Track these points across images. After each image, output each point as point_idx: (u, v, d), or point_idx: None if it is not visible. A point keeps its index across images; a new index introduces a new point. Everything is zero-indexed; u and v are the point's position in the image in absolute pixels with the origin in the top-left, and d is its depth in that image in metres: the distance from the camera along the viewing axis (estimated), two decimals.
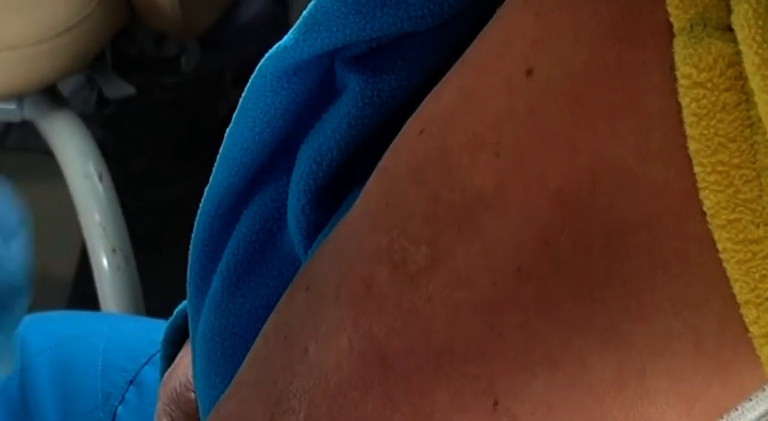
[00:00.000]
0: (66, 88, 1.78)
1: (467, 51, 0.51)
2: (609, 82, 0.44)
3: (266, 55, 0.55)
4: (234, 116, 0.58)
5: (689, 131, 0.42)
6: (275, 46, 0.55)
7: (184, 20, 1.58)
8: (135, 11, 1.58)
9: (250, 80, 0.55)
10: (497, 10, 0.54)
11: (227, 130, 0.59)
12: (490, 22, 0.51)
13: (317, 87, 0.55)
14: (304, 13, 0.54)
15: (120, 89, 1.66)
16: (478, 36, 0.51)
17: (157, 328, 0.90)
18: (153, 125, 2.01)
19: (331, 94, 0.55)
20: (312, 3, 0.53)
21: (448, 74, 0.50)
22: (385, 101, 0.55)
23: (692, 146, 0.42)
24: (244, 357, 0.56)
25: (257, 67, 0.55)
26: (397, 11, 0.53)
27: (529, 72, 0.46)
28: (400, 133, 0.51)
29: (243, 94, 0.56)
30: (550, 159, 0.44)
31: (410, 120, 0.50)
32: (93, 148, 1.62)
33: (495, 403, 0.44)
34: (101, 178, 1.59)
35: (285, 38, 0.54)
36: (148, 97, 1.75)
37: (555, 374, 0.44)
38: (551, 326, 0.43)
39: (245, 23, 1.86)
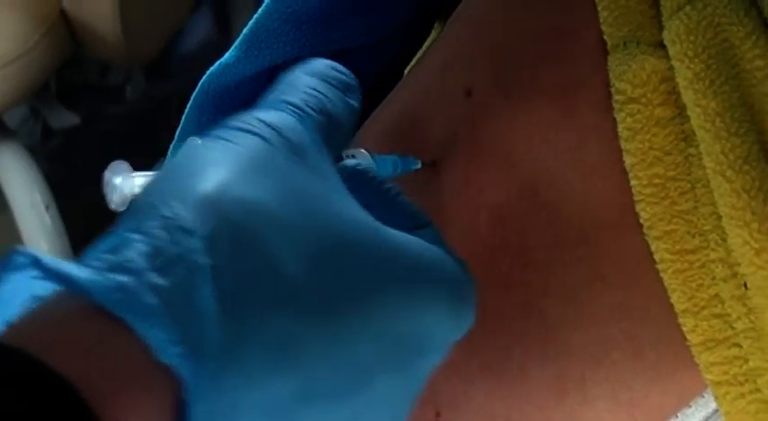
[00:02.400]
0: (11, 120, 1.76)
1: (410, 71, 0.52)
2: (546, 99, 0.44)
3: (207, 72, 0.55)
4: (177, 133, 0.58)
5: (624, 146, 0.42)
6: (216, 63, 0.55)
7: (128, 49, 1.57)
8: (79, 41, 1.57)
9: (192, 97, 0.55)
10: (436, 34, 0.54)
11: (170, 147, 0.58)
12: (433, 41, 0.51)
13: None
14: (245, 30, 0.54)
15: (65, 119, 1.65)
16: (421, 55, 0.52)
17: None
18: (99, 155, 1.99)
19: None
20: (252, 20, 0.53)
21: (391, 95, 0.51)
22: None
23: (628, 160, 0.42)
24: None
25: (199, 84, 0.55)
26: (338, 27, 0.53)
27: (468, 92, 0.46)
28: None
29: (185, 111, 0.56)
30: (489, 176, 0.44)
31: (358, 136, 0.50)
32: (39, 179, 1.60)
33: (437, 415, 0.45)
34: (47, 208, 1.58)
35: (226, 55, 0.54)
36: (94, 127, 1.74)
37: (495, 385, 0.44)
38: (491, 337, 0.43)
39: (189, 51, 1.85)
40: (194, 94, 0.54)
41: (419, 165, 0.45)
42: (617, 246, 0.42)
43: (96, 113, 1.75)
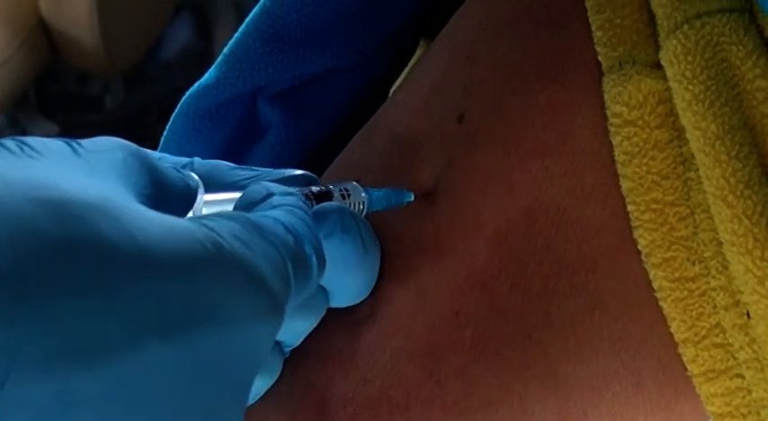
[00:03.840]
0: None
1: (395, 92, 0.50)
2: (541, 123, 0.43)
3: (187, 93, 0.54)
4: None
5: (621, 170, 0.41)
6: (196, 84, 0.53)
7: (107, 58, 1.55)
8: (58, 50, 1.55)
9: (171, 119, 0.54)
10: (422, 51, 0.53)
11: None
12: (419, 60, 0.50)
13: (240, 126, 0.53)
14: (225, 50, 0.53)
15: (45, 129, 1.63)
16: (407, 75, 0.50)
17: None
18: None
19: (255, 133, 0.54)
20: (232, 41, 0.52)
21: (377, 116, 0.50)
22: (309, 137, 0.54)
23: (625, 184, 0.41)
24: None
25: (179, 105, 0.54)
26: (320, 48, 0.52)
27: (460, 118, 0.45)
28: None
29: (164, 133, 0.55)
30: (487, 202, 0.43)
31: (335, 165, 0.50)
32: None
33: None
34: None
35: (206, 76, 0.53)
36: (73, 136, 1.72)
37: (495, 420, 0.43)
38: (490, 371, 0.43)
39: (169, 59, 1.84)
40: (173, 116, 0.53)
41: (412, 198, 0.45)
42: (615, 274, 0.42)
43: (75, 123, 1.74)
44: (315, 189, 0.42)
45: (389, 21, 0.53)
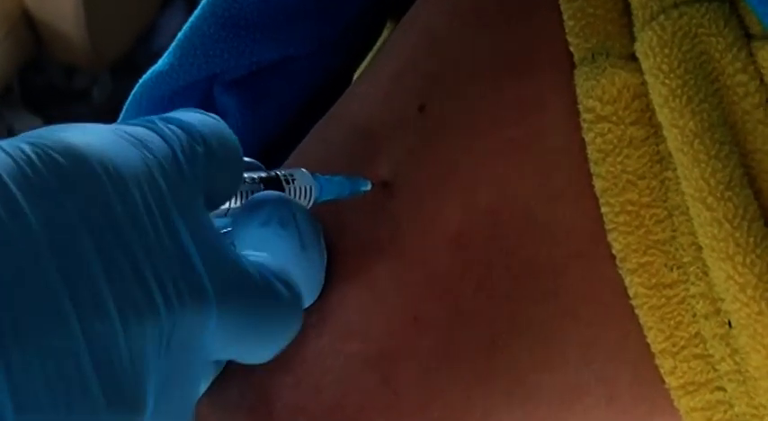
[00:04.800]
0: None
1: (355, 81, 0.49)
2: (508, 117, 0.42)
3: (140, 80, 0.52)
4: None
5: (594, 169, 0.40)
6: (149, 71, 0.52)
7: (94, 49, 1.54)
8: (42, 42, 1.54)
9: (124, 107, 0.53)
10: (388, 33, 0.52)
11: None
12: (381, 48, 0.49)
13: None
14: (179, 35, 0.51)
15: (30, 124, 1.62)
16: (369, 63, 0.49)
17: None
18: None
19: None
20: (187, 25, 0.51)
21: (336, 106, 0.48)
22: (267, 126, 0.53)
23: (599, 184, 0.40)
24: None
25: (132, 93, 0.53)
26: (278, 34, 0.51)
27: (422, 107, 0.44)
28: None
29: (117, 123, 0.54)
30: (448, 201, 0.42)
31: (293, 157, 0.48)
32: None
33: None
34: None
35: (159, 62, 0.52)
36: None
37: None
38: (452, 379, 0.42)
39: (161, 49, 1.82)
40: (126, 105, 0.52)
41: (369, 187, 0.43)
42: (588, 279, 0.41)
43: (62, 117, 1.73)
44: (263, 174, 0.41)
45: (352, 3, 0.52)
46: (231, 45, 0.50)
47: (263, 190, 0.41)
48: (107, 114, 1.80)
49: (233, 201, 0.40)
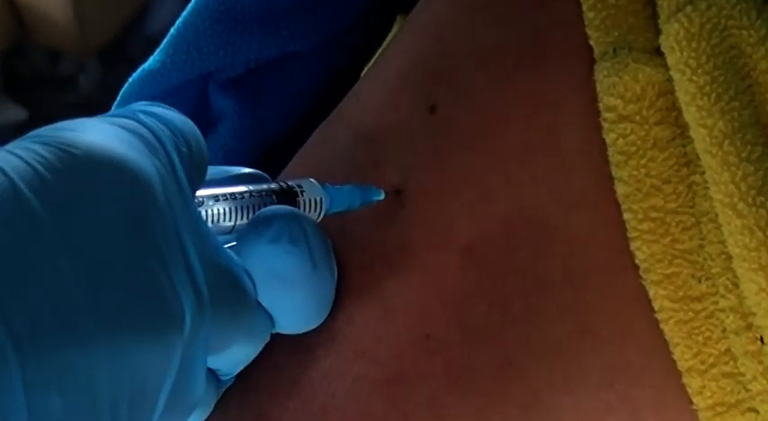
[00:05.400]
0: None
1: (361, 80, 0.49)
2: (522, 117, 0.42)
3: (129, 79, 0.53)
4: None
5: (616, 172, 0.40)
6: (139, 69, 0.52)
7: (81, 34, 1.55)
8: (25, 26, 1.54)
9: (113, 108, 0.52)
10: (394, 29, 0.52)
11: None
12: (387, 45, 0.49)
13: (188, 116, 0.53)
14: (171, 31, 0.52)
15: (12, 114, 1.63)
16: (374, 62, 0.49)
17: None
18: None
19: (206, 124, 0.54)
20: (179, 20, 0.51)
21: (340, 107, 0.48)
22: (266, 130, 0.53)
23: (621, 189, 0.40)
24: None
25: (120, 94, 0.53)
26: (278, 29, 0.51)
27: (432, 108, 0.44)
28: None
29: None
30: (460, 209, 0.42)
31: (293, 165, 0.48)
32: None
33: None
34: None
35: (150, 60, 0.52)
36: (44, 121, 1.72)
37: None
38: (464, 402, 0.42)
39: (154, 34, 1.83)
40: (114, 105, 0.52)
41: (382, 196, 0.44)
42: (609, 293, 0.41)
43: (47, 106, 1.73)
44: (273, 186, 0.41)
45: None
46: (227, 41, 0.50)
47: (274, 204, 0.41)
48: (95, 103, 1.81)
49: (238, 216, 0.40)
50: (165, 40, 0.51)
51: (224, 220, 0.40)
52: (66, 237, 0.31)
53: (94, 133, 0.33)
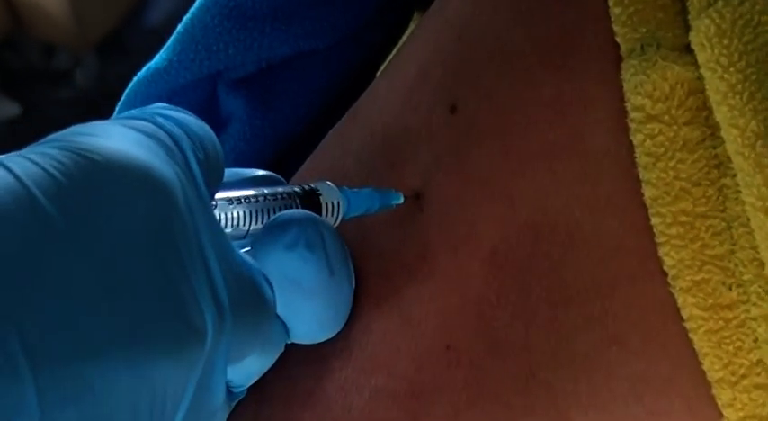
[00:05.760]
0: None
1: (377, 79, 0.49)
2: (546, 118, 0.42)
3: (135, 78, 0.53)
4: None
5: (643, 175, 0.40)
6: (145, 67, 0.53)
7: (77, 26, 1.55)
8: (19, 19, 1.54)
9: (117, 109, 0.54)
10: (412, 25, 0.52)
11: None
12: (404, 43, 0.49)
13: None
14: (178, 28, 0.52)
15: (6, 109, 1.62)
16: (391, 60, 0.49)
17: None
18: None
19: (215, 126, 0.53)
20: (187, 16, 0.52)
21: (356, 107, 0.48)
22: (278, 132, 0.53)
23: (648, 192, 0.40)
24: None
25: (125, 93, 0.54)
26: (290, 26, 0.51)
27: (453, 108, 0.44)
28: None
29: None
30: (482, 214, 0.43)
31: (306, 168, 0.49)
32: None
33: None
34: None
35: (157, 58, 0.52)
36: (38, 117, 1.72)
37: None
38: (486, 417, 0.42)
39: (154, 26, 1.83)
40: (118, 106, 0.53)
41: (401, 200, 0.44)
42: (637, 302, 0.41)
43: (41, 102, 1.73)
44: (296, 189, 0.42)
45: None
46: (237, 38, 0.50)
47: (290, 207, 0.41)
48: (91, 99, 1.81)
49: (253, 221, 0.40)
50: (172, 38, 0.51)
51: (239, 225, 0.40)
52: (83, 246, 0.31)
53: (114, 138, 0.33)
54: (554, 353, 0.41)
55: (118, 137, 0.33)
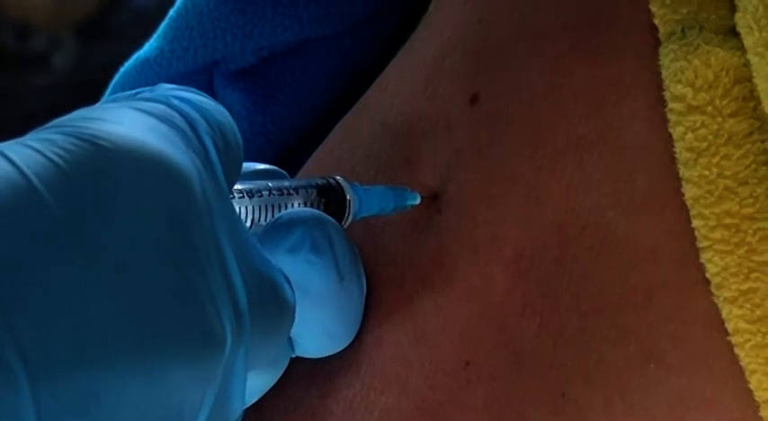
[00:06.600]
0: None
1: (389, 67, 0.49)
2: (577, 109, 0.42)
3: (121, 70, 0.53)
4: None
5: (684, 173, 0.40)
6: (133, 57, 0.53)
7: (55, 5, 1.55)
8: None
9: (99, 105, 0.53)
10: (429, 8, 0.52)
11: None
12: (420, 27, 0.49)
13: None
14: (170, 12, 0.52)
15: None
16: (405, 46, 0.49)
17: None
18: (22, 136, 1.97)
19: None
20: (180, 1, 0.52)
21: (365, 99, 0.49)
22: (280, 127, 0.53)
23: (689, 192, 0.40)
24: None
25: (110, 85, 0.54)
26: (295, 10, 0.51)
27: (474, 98, 0.44)
28: None
29: None
30: (505, 215, 0.43)
31: (312, 163, 0.49)
32: None
33: None
34: None
35: (146, 47, 0.53)
36: (12, 105, 1.73)
37: None
38: None
39: (140, 7, 1.84)
40: (103, 98, 0.52)
41: (418, 201, 0.44)
42: (676, 313, 0.41)
43: (14, 89, 1.74)
44: (319, 181, 0.42)
45: None
46: (235, 25, 0.51)
47: (312, 201, 0.42)
48: (70, 86, 1.81)
49: (259, 215, 0.40)
50: (163, 24, 0.52)
51: (258, 220, 0.40)
52: (89, 243, 0.31)
53: (124, 123, 0.33)
54: (584, 369, 0.41)
55: (129, 121, 0.33)
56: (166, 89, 0.37)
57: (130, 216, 0.32)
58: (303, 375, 0.44)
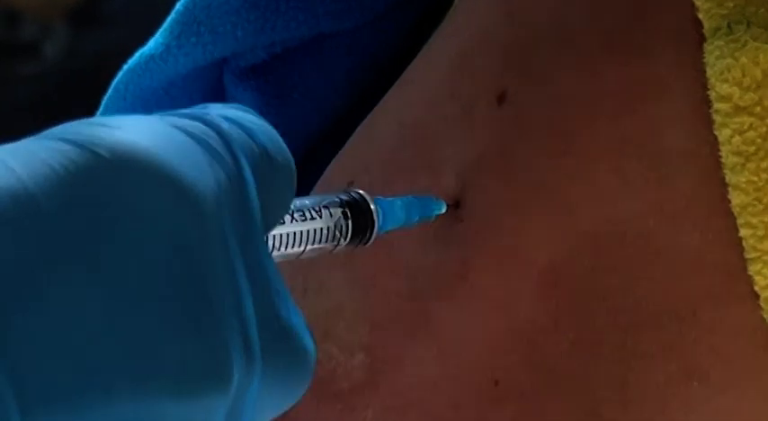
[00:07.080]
0: None
1: (411, 64, 0.49)
2: (613, 110, 0.42)
3: (125, 67, 0.53)
4: None
5: (730, 178, 0.40)
6: (137, 54, 0.52)
7: None
8: None
9: (103, 103, 0.53)
10: (455, 1, 0.52)
11: None
12: (444, 21, 0.49)
13: None
14: (177, 6, 0.52)
15: None
16: (429, 41, 0.49)
17: None
18: (10, 128, 1.99)
19: None
20: None
21: (385, 100, 0.49)
22: (294, 128, 0.53)
23: (736, 199, 0.40)
24: None
25: (113, 84, 0.53)
26: (311, 3, 0.51)
27: (501, 97, 0.44)
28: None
29: None
30: (534, 224, 0.43)
31: (334, 164, 0.49)
32: None
33: None
34: None
35: (151, 43, 0.52)
36: (2, 93, 1.74)
37: None
38: None
39: None
40: (105, 99, 0.53)
41: (444, 209, 0.43)
42: (722, 329, 0.41)
43: (4, 77, 1.75)
44: (343, 196, 0.41)
45: None
46: (246, 19, 0.50)
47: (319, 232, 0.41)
48: (61, 75, 1.81)
49: (279, 243, 0.40)
50: (169, 18, 0.51)
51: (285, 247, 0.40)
52: (87, 262, 0.30)
53: (137, 132, 0.32)
54: (622, 387, 0.41)
55: (141, 131, 0.33)
56: (212, 107, 0.37)
57: (132, 234, 0.31)
58: (317, 395, 0.44)
